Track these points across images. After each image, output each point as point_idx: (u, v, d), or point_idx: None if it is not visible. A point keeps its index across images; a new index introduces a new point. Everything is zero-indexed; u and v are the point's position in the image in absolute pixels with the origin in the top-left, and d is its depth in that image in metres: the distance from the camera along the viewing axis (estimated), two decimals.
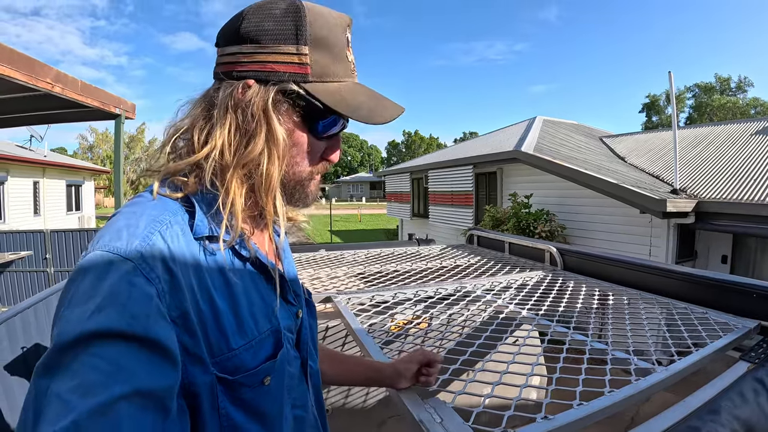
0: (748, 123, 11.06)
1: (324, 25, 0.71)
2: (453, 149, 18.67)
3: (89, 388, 0.46)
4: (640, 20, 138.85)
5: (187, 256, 0.62)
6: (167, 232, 0.62)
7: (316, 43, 0.70)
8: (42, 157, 16.54)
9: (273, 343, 0.71)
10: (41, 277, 8.26)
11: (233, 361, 0.64)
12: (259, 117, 0.68)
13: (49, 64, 4.73)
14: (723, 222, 6.55)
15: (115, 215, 0.64)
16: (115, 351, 0.49)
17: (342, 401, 2.09)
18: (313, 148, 0.75)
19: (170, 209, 0.65)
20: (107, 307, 0.51)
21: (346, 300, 1.77)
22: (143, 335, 0.51)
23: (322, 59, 0.71)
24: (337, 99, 0.71)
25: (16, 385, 2.54)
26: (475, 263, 2.69)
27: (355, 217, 36.23)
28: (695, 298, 1.68)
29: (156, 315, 0.54)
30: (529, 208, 8.84)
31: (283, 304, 0.77)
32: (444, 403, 0.93)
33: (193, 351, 0.59)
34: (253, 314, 0.68)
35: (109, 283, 0.53)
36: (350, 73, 0.76)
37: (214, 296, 0.63)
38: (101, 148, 43.93)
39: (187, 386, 0.58)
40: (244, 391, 0.65)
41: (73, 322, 0.50)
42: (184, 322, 0.58)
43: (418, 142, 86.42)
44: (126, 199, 2.16)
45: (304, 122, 0.72)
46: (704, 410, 0.89)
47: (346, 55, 0.74)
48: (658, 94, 55.73)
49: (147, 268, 0.56)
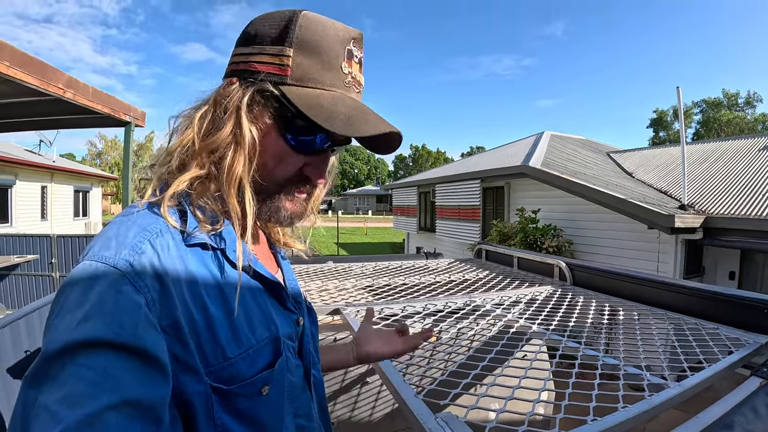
0: (756, 138, 11.04)
1: (317, 32, 0.69)
2: (460, 163, 18.69)
3: (77, 398, 0.46)
4: (647, 37, 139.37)
5: (178, 265, 0.62)
6: (157, 241, 0.61)
7: (303, 46, 0.69)
8: (51, 162, 16.68)
9: (271, 351, 0.70)
10: (46, 281, 8.29)
11: (228, 370, 0.63)
12: (231, 111, 0.68)
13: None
14: (731, 238, 6.51)
15: (107, 225, 0.64)
16: (102, 360, 0.49)
17: (348, 414, 2.08)
18: (286, 157, 0.72)
19: (161, 217, 0.65)
20: (94, 317, 0.51)
21: (354, 312, 1.77)
22: (131, 344, 0.51)
23: (306, 63, 0.69)
24: (310, 104, 0.67)
25: (18, 388, 2.54)
26: (484, 277, 2.68)
27: (361, 230, 36.21)
28: (706, 313, 1.67)
29: (144, 324, 0.53)
30: (537, 223, 8.82)
31: (282, 311, 0.76)
32: (456, 417, 0.91)
33: (185, 360, 0.58)
34: (249, 322, 0.67)
35: (97, 293, 0.53)
36: (343, 85, 0.72)
37: (208, 305, 0.62)
38: (110, 155, 44.26)
39: (180, 396, 0.58)
40: (240, 400, 0.64)
41: (60, 332, 0.50)
42: (175, 332, 0.58)
43: (426, 156, 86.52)
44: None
45: (278, 126, 0.70)
46: (717, 426, 0.88)
47: (340, 66, 0.71)
48: (665, 110, 55.72)
49: (135, 277, 0.56)
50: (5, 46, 3.89)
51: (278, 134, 0.71)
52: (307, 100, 0.68)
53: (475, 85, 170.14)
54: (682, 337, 1.44)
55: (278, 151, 0.71)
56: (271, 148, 0.71)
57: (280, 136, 0.71)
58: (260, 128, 0.70)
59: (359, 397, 2.09)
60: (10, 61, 3.89)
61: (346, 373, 2.02)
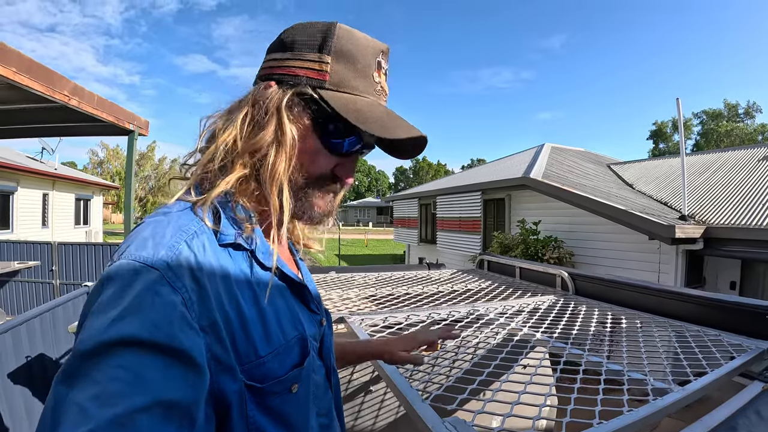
0: (756, 149, 11.10)
1: (352, 42, 0.74)
2: (461, 175, 18.74)
3: (109, 397, 0.45)
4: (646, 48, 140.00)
5: (214, 265, 0.63)
6: (193, 242, 0.62)
7: (340, 54, 0.73)
8: (52, 170, 16.69)
9: (299, 350, 0.72)
10: (47, 288, 8.30)
11: (261, 369, 0.64)
12: (272, 113, 0.71)
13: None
14: (731, 248, 6.52)
15: (141, 224, 0.65)
16: (136, 360, 0.48)
17: (351, 423, 2.08)
18: (321, 157, 0.75)
19: (197, 218, 0.66)
20: (129, 316, 0.51)
21: (359, 321, 1.78)
22: (166, 344, 0.51)
23: (342, 70, 0.73)
24: (348, 107, 0.71)
25: (17, 392, 2.52)
26: (487, 287, 2.69)
27: (361, 242, 36.15)
28: (708, 320, 1.69)
29: (180, 323, 0.54)
30: (538, 235, 8.83)
31: (307, 312, 0.79)
32: (464, 422, 0.92)
33: (224, 359, 0.59)
34: (279, 322, 0.69)
35: (134, 292, 0.53)
36: (375, 93, 0.76)
37: (242, 304, 0.64)
38: (111, 164, 44.25)
39: (217, 394, 0.59)
40: (271, 398, 0.65)
41: (95, 330, 0.50)
42: (213, 331, 0.58)
43: (426, 168, 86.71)
44: (135, 215, 2.16)
45: (315, 127, 0.73)
46: (721, 429, 0.89)
47: (372, 74, 0.76)
48: (665, 121, 55.86)
49: (173, 277, 0.56)
50: (13, 52, 3.92)
51: (315, 135, 0.74)
52: (345, 104, 0.71)
53: (475, 98, 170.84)
54: (686, 344, 1.45)
55: (314, 151, 0.74)
56: (308, 148, 0.74)
57: (316, 137, 0.74)
58: (298, 129, 0.73)
59: (363, 406, 2.09)
60: (17, 67, 3.93)
61: (350, 382, 2.03)
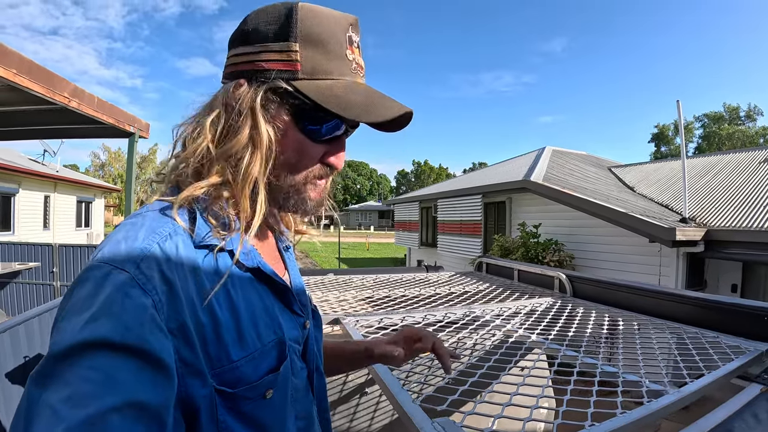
0: (756, 151, 11.08)
1: (318, 23, 0.69)
2: (462, 179, 18.78)
3: (80, 399, 0.45)
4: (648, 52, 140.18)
5: (186, 267, 0.62)
6: (166, 243, 0.61)
7: (307, 39, 0.68)
8: (54, 172, 16.72)
9: (276, 355, 0.70)
10: (47, 290, 8.28)
11: (233, 373, 0.63)
12: (246, 114, 0.67)
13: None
14: (732, 250, 6.51)
15: (117, 227, 0.64)
16: (107, 362, 0.48)
17: (347, 425, 2.06)
18: (307, 149, 0.72)
19: (171, 220, 0.64)
20: (101, 318, 0.50)
21: (354, 322, 1.77)
22: (137, 346, 0.51)
23: (313, 55, 0.69)
24: (326, 96, 0.67)
25: (16, 393, 2.53)
26: (484, 290, 2.68)
27: (362, 246, 36.11)
28: (705, 322, 1.67)
29: (151, 326, 0.53)
30: (538, 238, 8.82)
31: (289, 314, 0.76)
32: (453, 422, 0.91)
33: (192, 363, 0.58)
34: (255, 325, 0.67)
35: (105, 295, 0.52)
36: (350, 72, 0.72)
37: (215, 307, 0.62)
38: (113, 167, 44.38)
39: (185, 398, 0.58)
40: (244, 403, 0.64)
41: (67, 332, 0.50)
42: (182, 334, 0.57)
43: (428, 171, 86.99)
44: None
45: (296, 121, 0.70)
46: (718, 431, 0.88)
47: (345, 53, 0.71)
48: (666, 124, 55.88)
49: (143, 278, 0.55)
50: (13, 53, 3.92)
51: (297, 129, 0.71)
52: (322, 93, 0.68)
53: (476, 102, 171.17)
54: (683, 346, 1.44)
55: (299, 145, 0.72)
56: (292, 144, 0.71)
57: (299, 131, 0.71)
58: (278, 126, 0.70)
59: (358, 408, 2.07)
60: (17, 69, 3.93)
61: (345, 384, 2.01)
